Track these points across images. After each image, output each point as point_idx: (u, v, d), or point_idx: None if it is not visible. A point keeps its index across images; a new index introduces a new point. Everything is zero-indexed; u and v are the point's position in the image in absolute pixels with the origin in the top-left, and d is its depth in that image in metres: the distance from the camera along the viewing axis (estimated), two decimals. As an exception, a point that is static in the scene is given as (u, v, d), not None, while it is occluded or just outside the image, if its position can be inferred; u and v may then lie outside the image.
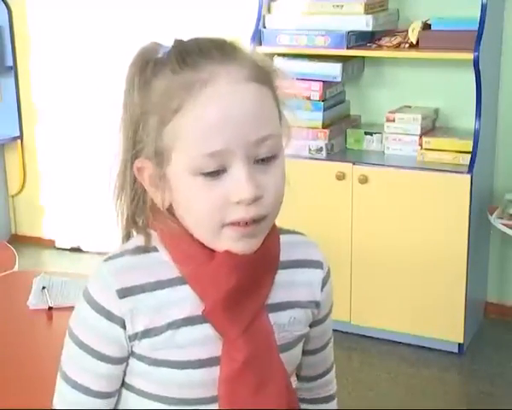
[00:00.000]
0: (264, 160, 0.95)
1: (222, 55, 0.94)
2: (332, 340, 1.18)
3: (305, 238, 1.12)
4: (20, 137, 4.61)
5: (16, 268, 2.71)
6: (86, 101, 4.33)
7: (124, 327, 0.97)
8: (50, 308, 2.01)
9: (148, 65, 0.97)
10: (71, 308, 1.05)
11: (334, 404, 1.22)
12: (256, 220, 0.94)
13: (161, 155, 0.95)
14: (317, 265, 1.09)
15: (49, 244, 4.65)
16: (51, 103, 4.46)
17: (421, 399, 2.98)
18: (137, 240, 1.02)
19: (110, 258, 1.01)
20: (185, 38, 0.99)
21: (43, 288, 2.10)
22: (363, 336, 3.41)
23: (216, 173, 0.93)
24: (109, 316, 0.97)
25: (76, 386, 1.00)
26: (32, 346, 1.90)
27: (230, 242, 0.95)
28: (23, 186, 4.70)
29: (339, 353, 1.20)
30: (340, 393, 1.24)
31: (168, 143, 0.94)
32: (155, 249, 1.00)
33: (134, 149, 0.98)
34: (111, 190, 1.02)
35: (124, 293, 0.97)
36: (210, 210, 0.93)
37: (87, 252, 4.55)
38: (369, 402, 2.95)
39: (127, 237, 1.05)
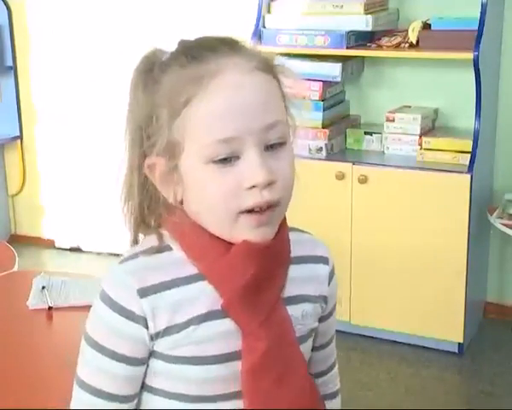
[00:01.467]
0: (274, 147, 0.97)
1: (229, 49, 0.97)
2: (335, 337, 1.19)
3: (312, 237, 1.14)
4: (20, 137, 4.61)
5: (16, 268, 2.70)
6: (86, 101, 4.33)
7: (146, 327, 0.97)
8: (50, 308, 2.00)
9: (155, 66, 0.99)
10: (70, 308, 1.05)
11: (338, 400, 1.23)
12: (270, 206, 0.95)
13: (173, 148, 0.96)
14: (323, 260, 1.11)
15: (49, 244, 4.65)
16: (51, 103, 4.46)
17: (421, 399, 2.98)
18: (150, 240, 1.02)
19: (125, 260, 1.01)
20: (190, 38, 1.01)
21: (43, 288, 2.09)
22: (363, 336, 3.41)
23: (228, 160, 0.94)
24: (131, 316, 0.96)
25: (96, 392, 0.99)
26: (31, 346, 1.90)
27: (247, 231, 0.96)
28: (23, 186, 4.70)
29: (339, 353, 1.20)
30: (340, 393, 1.24)
31: (179, 134, 0.96)
32: (169, 248, 1.01)
33: (142, 149, 0.99)
34: (118, 192, 1.02)
35: (144, 292, 0.96)
36: (224, 197, 0.94)
37: (87, 252, 4.55)
38: (369, 402, 2.95)
39: (136, 240, 1.05)
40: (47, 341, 1.95)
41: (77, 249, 4.59)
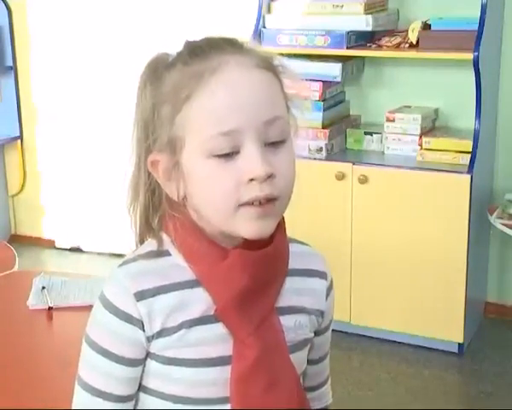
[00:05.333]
0: (274, 144, 0.97)
1: (231, 47, 0.98)
2: (329, 353, 1.19)
3: (311, 249, 1.14)
4: (20, 137, 4.61)
5: (16, 268, 2.71)
6: (86, 101, 4.33)
7: (143, 329, 0.98)
8: (50, 308, 2.00)
9: (160, 66, 1.00)
10: (71, 308, 1.05)
11: None
12: (269, 200, 0.96)
13: (175, 143, 0.97)
14: (321, 275, 1.11)
15: (49, 244, 4.65)
16: (51, 103, 4.46)
17: (421, 399, 2.98)
18: (150, 245, 1.03)
19: (124, 263, 1.02)
20: (195, 39, 1.02)
21: (43, 288, 2.09)
22: (363, 336, 3.41)
23: (229, 155, 0.95)
24: (129, 319, 0.98)
25: (97, 393, 1.01)
26: (31, 346, 1.90)
27: (246, 222, 0.96)
28: (23, 186, 4.70)
29: (339, 353, 1.21)
30: (340, 393, 1.24)
31: (181, 129, 0.96)
32: (168, 253, 1.02)
33: (147, 143, 1.00)
34: (125, 193, 1.04)
35: (141, 296, 0.98)
36: (224, 191, 0.95)
37: (87, 252, 4.55)
38: (369, 402, 2.95)
39: (141, 241, 1.06)
40: (47, 341, 1.95)
41: (77, 249, 4.59)
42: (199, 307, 0.99)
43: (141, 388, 1.03)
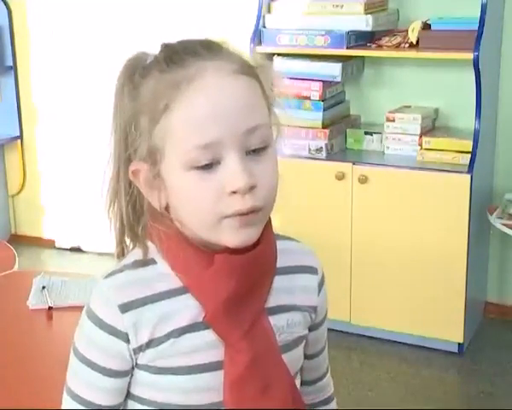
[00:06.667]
0: (256, 151, 0.95)
1: (209, 52, 0.95)
2: (327, 345, 1.18)
3: (300, 245, 1.12)
4: (20, 137, 4.61)
5: (16, 268, 2.71)
6: (86, 101, 4.33)
7: (127, 341, 0.97)
8: (50, 308, 2.00)
9: (137, 71, 0.97)
10: (71, 308, 1.05)
11: (333, 404, 1.22)
12: (253, 212, 0.94)
13: (154, 154, 0.95)
14: (311, 271, 1.10)
15: (49, 244, 4.65)
16: (51, 103, 4.46)
17: (421, 399, 2.98)
18: (135, 254, 1.01)
19: (110, 274, 1.01)
20: (172, 42, 1.00)
21: (43, 288, 2.09)
22: (363, 336, 3.41)
23: (209, 166, 0.92)
24: (113, 331, 0.97)
25: (82, 401, 1.00)
26: (31, 346, 1.90)
27: (230, 232, 0.94)
28: (23, 186, 4.70)
29: (339, 353, 1.21)
30: (340, 393, 1.24)
31: (160, 140, 0.94)
32: (154, 262, 1.00)
33: (126, 153, 0.98)
34: (104, 197, 1.03)
35: (126, 308, 0.97)
36: (206, 203, 0.93)
37: (87, 252, 4.55)
38: (369, 402, 2.95)
39: (122, 251, 1.04)
40: (47, 341, 1.95)
41: (77, 249, 4.59)
42: (187, 315, 0.98)
43: (129, 395, 1.02)
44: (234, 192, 0.92)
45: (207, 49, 0.95)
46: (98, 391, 1.00)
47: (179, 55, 0.95)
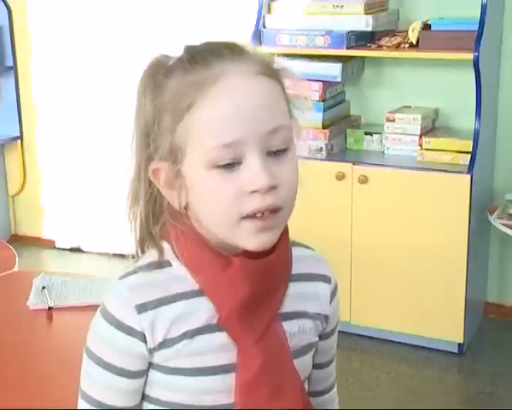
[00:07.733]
0: (277, 152, 0.96)
1: (232, 53, 0.96)
2: (335, 360, 1.18)
3: (315, 253, 1.13)
4: (20, 137, 4.61)
5: (16, 268, 2.71)
6: (86, 101, 4.33)
7: (145, 341, 0.98)
8: (50, 308, 2.00)
9: (160, 71, 0.98)
10: (71, 309, 1.05)
11: None
12: (272, 211, 0.95)
13: (176, 153, 0.96)
14: (325, 279, 1.11)
15: (49, 244, 4.65)
16: (51, 103, 4.46)
17: (421, 399, 2.98)
18: (150, 256, 1.02)
19: (125, 276, 1.01)
20: (195, 44, 1.01)
21: (43, 288, 2.09)
22: (363, 336, 3.41)
23: (230, 166, 0.93)
24: (130, 331, 0.97)
25: (100, 405, 1.00)
26: (31, 346, 1.90)
27: (248, 236, 0.95)
28: (23, 186, 4.70)
29: (339, 353, 1.20)
30: (340, 393, 1.24)
31: (182, 139, 0.95)
32: (169, 264, 1.01)
33: (147, 151, 0.98)
34: (125, 199, 1.02)
35: (142, 308, 0.97)
36: (226, 202, 0.94)
37: (87, 252, 4.55)
38: (369, 402, 2.95)
39: (142, 248, 1.04)
40: (47, 341, 1.95)
41: (77, 250, 4.59)
42: (202, 317, 0.98)
43: (144, 397, 1.02)
44: (254, 192, 0.93)
45: (231, 51, 0.97)
46: (116, 393, 1.00)
47: (203, 55, 0.96)
